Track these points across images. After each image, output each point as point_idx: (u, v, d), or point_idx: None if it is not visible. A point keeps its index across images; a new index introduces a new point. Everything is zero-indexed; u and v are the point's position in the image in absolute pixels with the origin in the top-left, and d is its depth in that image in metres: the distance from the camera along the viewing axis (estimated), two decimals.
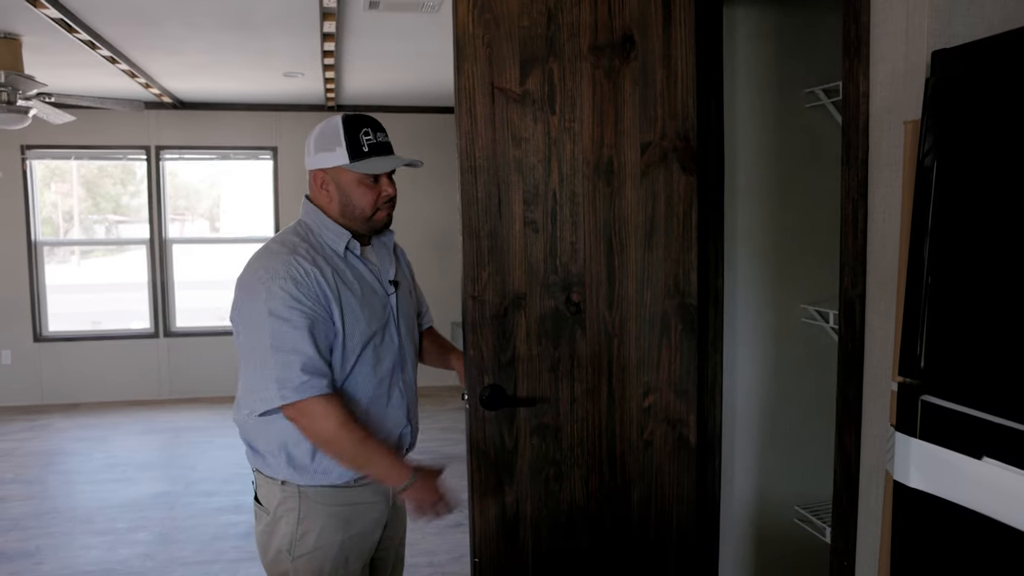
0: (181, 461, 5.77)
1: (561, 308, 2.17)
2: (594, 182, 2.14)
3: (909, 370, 1.42)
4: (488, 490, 2.18)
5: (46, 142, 6.91)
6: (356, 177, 1.93)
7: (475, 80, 2.07)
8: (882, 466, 1.63)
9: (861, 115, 1.62)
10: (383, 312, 1.99)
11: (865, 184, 1.64)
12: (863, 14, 1.60)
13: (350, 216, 1.95)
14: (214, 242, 8.07)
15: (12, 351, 7.11)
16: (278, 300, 1.81)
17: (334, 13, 4.01)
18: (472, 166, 2.10)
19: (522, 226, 2.13)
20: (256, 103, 7.05)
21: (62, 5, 3.88)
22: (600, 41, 2.10)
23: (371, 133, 1.93)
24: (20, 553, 4.12)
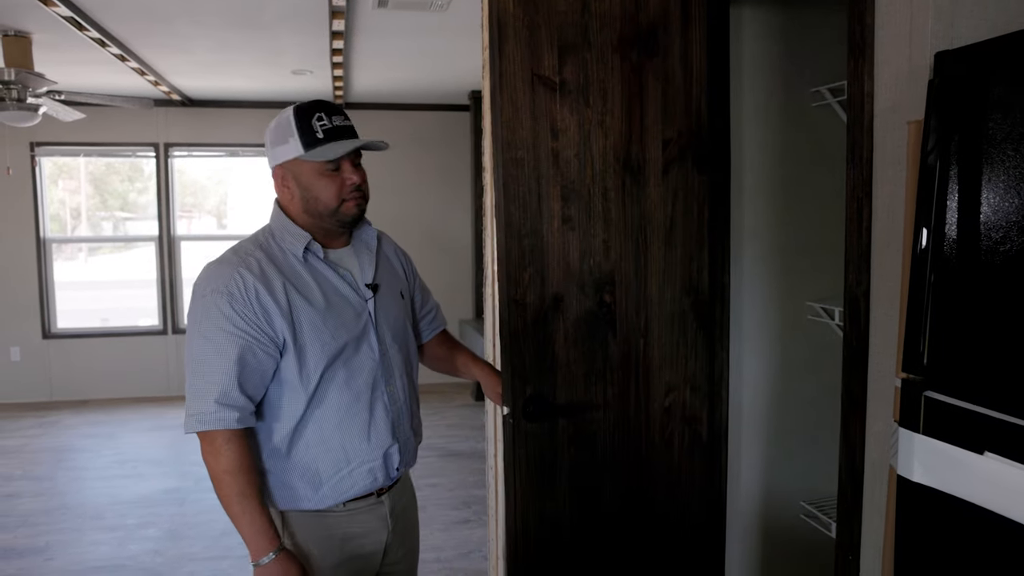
0: (190, 457, 5.80)
1: (594, 309, 2.14)
2: (623, 178, 2.13)
3: (912, 366, 1.44)
4: (528, 506, 2.13)
5: (55, 139, 6.95)
6: (314, 167, 1.75)
7: (516, 64, 2.00)
8: (886, 461, 1.65)
9: (866, 115, 1.64)
10: (356, 321, 1.82)
11: (870, 183, 1.66)
12: (868, 15, 1.62)
13: (314, 212, 1.78)
14: (222, 239, 8.09)
15: (21, 348, 7.17)
16: (210, 318, 1.70)
17: (343, 12, 4.04)
18: (514, 158, 2.02)
19: (560, 223, 2.08)
20: (264, 100, 7.08)
21: (72, 3, 3.91)
22: (628, 34, 2.10)
23: (325, 118, 1.74)
24: (30, 549, 4.16)
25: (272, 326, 1.71)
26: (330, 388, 1.78)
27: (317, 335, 1.74)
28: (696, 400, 2.30)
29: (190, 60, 5.34)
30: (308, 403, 1.77)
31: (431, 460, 5.37)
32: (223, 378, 1.68)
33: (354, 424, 1.80)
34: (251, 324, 1.69)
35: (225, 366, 1.68)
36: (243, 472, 1.70)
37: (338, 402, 1.79)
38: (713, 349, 2.39)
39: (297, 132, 1.73)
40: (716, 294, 2.39)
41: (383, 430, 1.84)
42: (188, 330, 1.75)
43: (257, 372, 1.72)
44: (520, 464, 2.11)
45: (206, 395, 1.68)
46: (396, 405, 1.88)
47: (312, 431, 1.78)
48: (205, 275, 1.76)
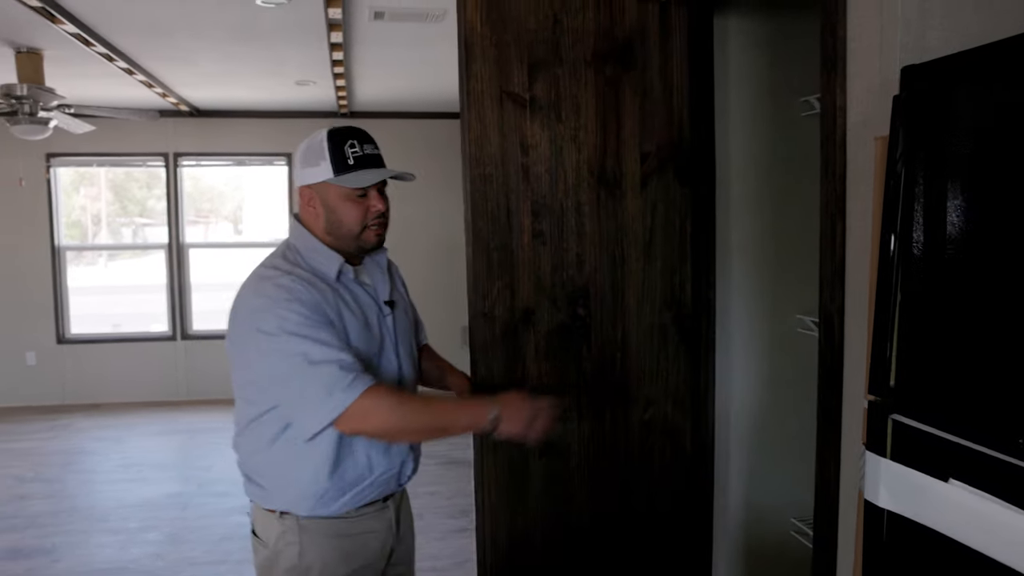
0: (196, 462, 5.85)
1: (568, 323, 2.13)
2: (598, 192, 2.12)
3: (878, 388, 1.41)
4: (498, 515, 2.13)
5: (69, 150, 7.04)
6: (342, 192, 1.78)
7: (484, 83, 2.02)
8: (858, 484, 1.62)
9: (838, 129, 1.62)
10: (380, 336, 1.87)
11: (843, 198, 1.63)
12: (839, 28, 1.59)
13: (337, 234, 1.81)
14: (231, 246, 8.15)
15: (36, 352, 7.26)
16: (291, 321, 1.68)
17: (340, 24, 4.05)
18: (482, 174, 2.04)
19: (530, 238, 2.08)
20: (270, 111, 7.14)
21: (78, 20, 3.96)
22: (603, 49, 2.09)
23: (357, 145, 1.79)
24: (37, 550, 4.21)
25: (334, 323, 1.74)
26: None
27: (359, 345, 1.78)
28: (679, 414, 2.28)
29: (195, 72, 5.38)
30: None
31: (431, 468, 5.36)
32: (334, 352, 1.67)
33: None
34: (324, 317, 1.72)
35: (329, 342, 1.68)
36: (406, 395, 1.78)
37: None
38: (697, 363, 2.36)
39: (329, 156, 1.77)
40: (700, 307, 2.36)
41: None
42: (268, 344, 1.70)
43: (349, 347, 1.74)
44: (489, 475, 2.13)
45: (331, 373, 1.66)
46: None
47: (345, 442, 1.78)
48: (252, 297, 1.75)
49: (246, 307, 1.76)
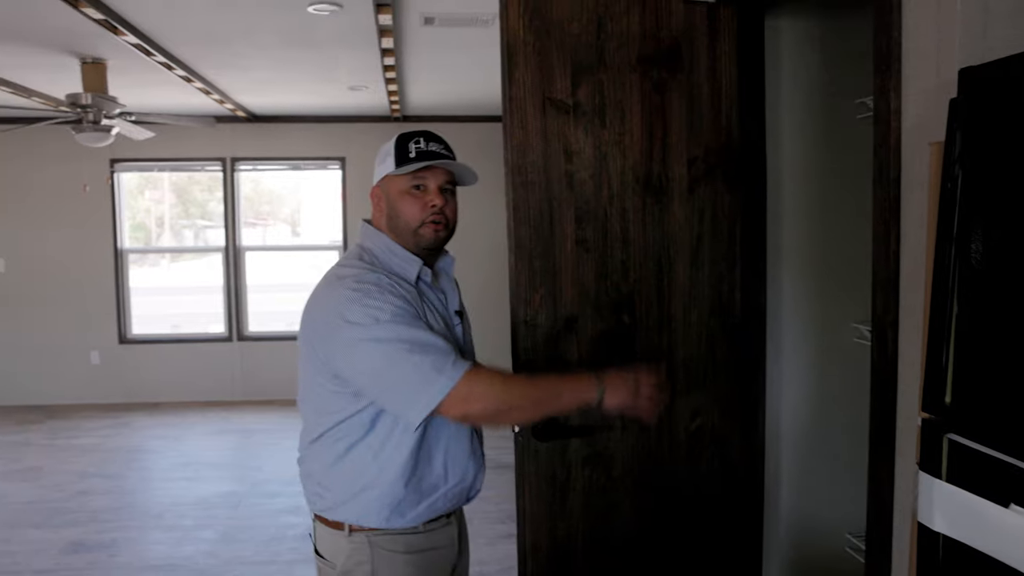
0: (249, 462, 5.95)
1: (612, 331, 2.09)
2: (643, 198, 2.08)
3: (933, 405, 1.34)
4: (539, 524, 2.10)
5: (132, 155, 7.24)
6: (401, 186, 1.77)
7: (526, 89, 1.99)
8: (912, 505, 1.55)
9: (892, 133, 1.55)
10: (455, 342, 1.81)
11: (897, 205, 1.57)
12: (894, 29, 1.52)
13: (396, 229, 1.79)
14: (287, 249, 8.28)
15: (100, 352, 7.46)
16: (384, 311, 1.64)
17: (391, 30, 4.07)
18: (524, 181, 2.02)
19: (574, 245, 2.05)
20: (324, 115, 7.23)
21: (139, 31, 4.06)
22: (648, 52, 2.05)
23: (422, 142, 1.78)
24: (98, 544, 4.34)
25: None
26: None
27: None
28: (727, 424, 2.22)
29: (251, 79, 5.47)
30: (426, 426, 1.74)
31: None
32: (431, 337, 1.65)
33: (456, 446, 1.80)
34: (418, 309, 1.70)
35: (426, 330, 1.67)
36: (510, 376, 1.76)
37: (446, 423, 1.76)
38: (746, 371, 2.30)
39: (394, 152, 1.78)
40: (749, 315, 2.30)
41: (469, 452, 1.85)
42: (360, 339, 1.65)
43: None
44: (530, 481, 2.09)
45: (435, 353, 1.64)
46: (476, 428, 1.90)
47: (426, 448, 1.76)
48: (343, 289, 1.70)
49: (329, 302, 1.71)
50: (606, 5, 2.01)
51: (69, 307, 7.38)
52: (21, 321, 7.34)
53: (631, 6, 2.02)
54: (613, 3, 2.02)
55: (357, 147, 7.39)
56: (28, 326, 7.35)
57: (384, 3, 3.60)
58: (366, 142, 7.34)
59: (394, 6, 3.68)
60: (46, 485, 5.29)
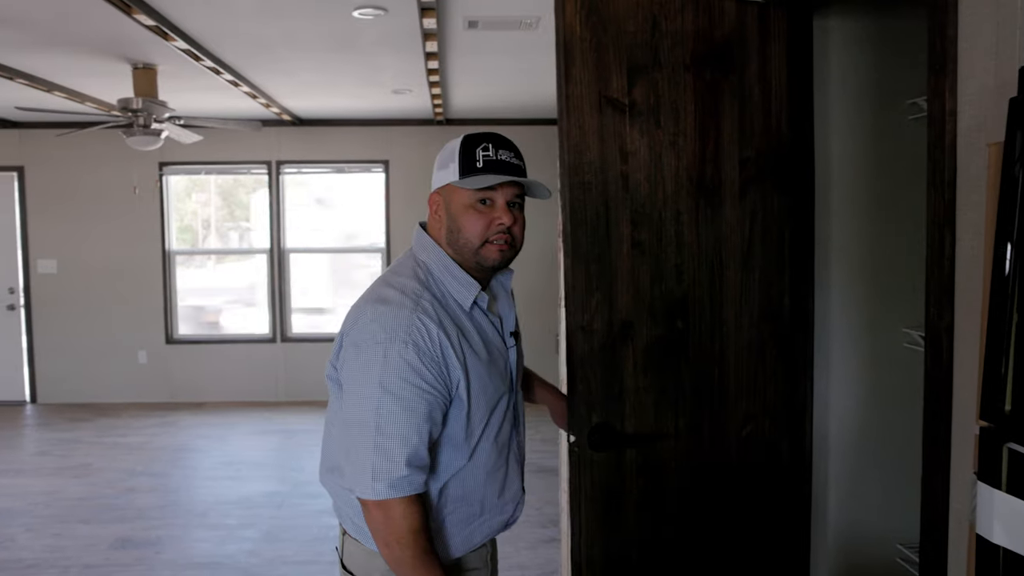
0: (291, 462, 6.02)
1: (666, 336, 2.05)
2: (697, 200, 2.05)
3: (992, 414, 1.30)
4: (594, 537, 2.05)
5: (180, 159, 7.39)
6: (465, 199, 1.61)
7: (583, 88, 1.95)
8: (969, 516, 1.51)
9: (947, 135, 1.51)
10: (505, 370, 1.71)
11: (952, 208, 1.52)
12: (949, 27, 1.49)
13: (456, 246, 1.64)
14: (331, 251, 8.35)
15: (147, 351, 7.61)
16: (394, 371, 1.51)
17: (435, 33, 4.09)
18: (581, 182, 1.96)
19: (630, 248, 2.01)
20: (368, 119, 7.30)
21: (189, 37, 4.15)
22: (701, 52, 2.02)
23: (491, 149, 1.61)
24: (145, 541, 4.43)
25: (451, 379, 1.57)
26: (485, 444, 1.66)
27: (483, 389, 1.62)
28: (776, 431, 2.19)
29: (296, 82, 5.54)
30: (467, 458, 1.65)
31: None
32: (415, 438, 1.52)
33: (497, 478, 1.71)
34: (438, 379, 1.54)
35: (416, 424, 1.52)
36: (426, 530, 1.56)
37: (487, 457, 1.67)
38: (795, 377, 2.26)
39: (459, 158, 1.61)
40: (798, 319, 2.26)
41: (515, 481, 1.77)
42: (358, 384, 1.55)
43: (438, 427, 1.59)
44: (585, 493, 2.04)
45: (396, 457, 1.51)
46: (522, 452, 1.81)
47: (463, 485, 1.67)
48: (375, 318, 1.56)
49: (362, 335, 1.57)
50: (661, 3, 1.98)
51: (118, 307, 7.55)
52: (72, 321, 7.53)
53: (685, 5, 2.00)
54: (668, 2, 1.99)
55: (400, 150, 7.45)
56: (79, 326, 7.53)
57: (428, 7, 3.62)
58: (409, 145, 7.43)
59: (438, 10, 3.70)
60: (96, 482, 5.41)
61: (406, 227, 7.52)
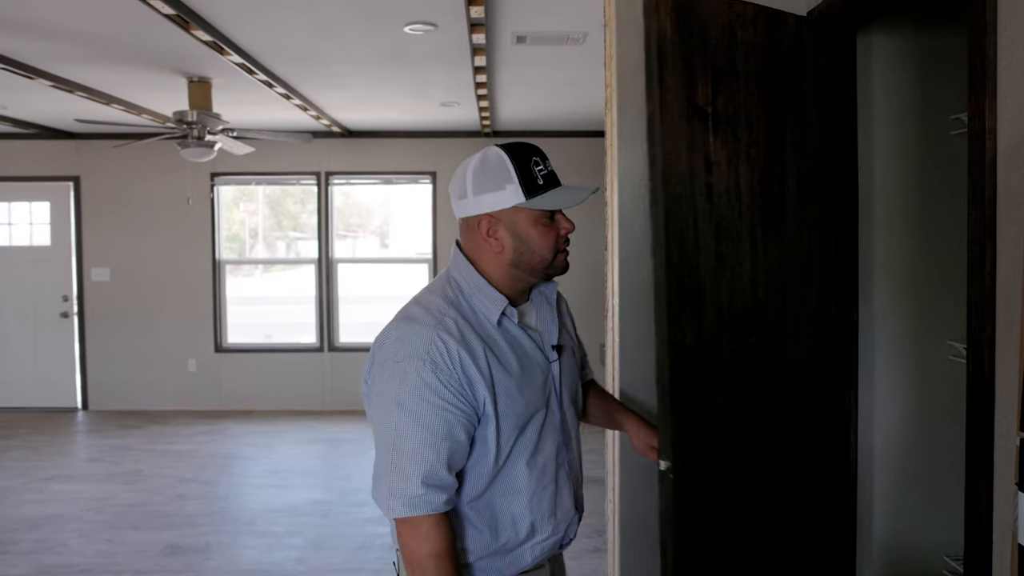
0: (337, 471, 6.11)
1: (743, 351, 2.02)
2: (766, 212, 2.03)
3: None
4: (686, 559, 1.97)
5: (231, 169, 7.57)
6: (531, 217, 1.59)
7: (673, 94, 1.88)
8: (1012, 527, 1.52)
9: (987, 152, 1.53)
10: (544, 387, 1.67)
11: (993, 224, 1.54)
12: (989, 47, 1.51)
13: (527, 265, 1.63)
14: (378, 261, 8.49)
15: (197, 360, 7.78)
16: (410, 389, 1.52)
17: (484, 48, 4.17)
18: (674, 193, 1.90)
19: (714, 261, 1.96)
20: (416, 131, 7.42)
21: (243, 51, 4.28)
22: (769, 64, 2.02)
23: (541, 163, 1.61)
24: (193, 548, 4.52)
25: (475, 397, 1.56)
26: (520, 459, 1.63)
27: (512, 405, 1.60)
28: (827, 445, 2.19)
29: (347, 96, 5.67)
30: (497, 474, 1.63)
31: None
32: (431, 456, 1.52)
33: (544, 497, 1.67)
34: (457, 396, 1.54)
35: (432, 442, 1.52)
36: (449, 555, 1.55)
37: (528, 474, 1.64)
38: (841, 390, 2.27)
39: (517, 178, 1.57)
40: (844, 332, 2.28)
41: (568, 501, 1.73)
42: (379, 400, 1.58)
43: (461, 448, 1.57)
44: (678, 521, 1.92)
45: (411, 475, 1.52)
46: (575, 472, 1.76)
47: (503, 504, 1.64)
48: (396, 336, 1.58)
49: (383, 352, 1.59)
50: (737, 13, 1.96)
51: (169, 316, 7.74)
52: (124, 329, 7.73)
53: (757, 16, 1.98)
54: (743, 11, 1.97)
55: (447, 162, 7.56)
56: (131, 334, 7.74)
57: (478, 23, 3.70)
58: (457, 156, 7.46)
59: (487, 25, 3.78)
60: (146, 488, 5.55)
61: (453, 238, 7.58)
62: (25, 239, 7.90)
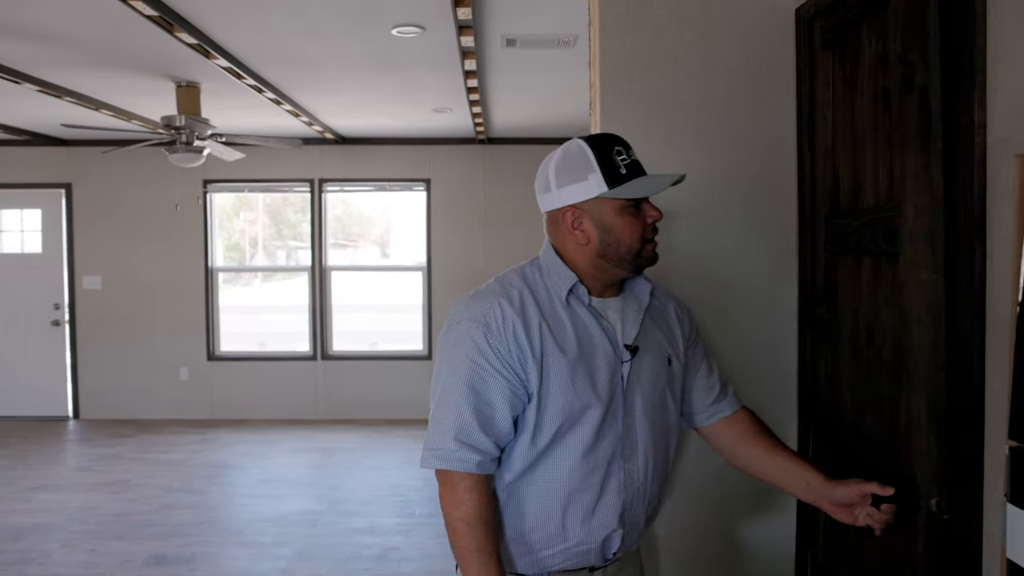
0: (328, 480, 6.04)
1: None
2: None
3: (1021, 433, 1.25)
4: None
5: (224, 176, 7.52)
6: (616, 206, 1.56)
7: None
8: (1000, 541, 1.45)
9: (976, 148, 1.47)
10: (608, 383, 1.58)
11: (982, 223, 1.48)
12: (978, 37, 1.45)
13: (614, 256, 1.59)
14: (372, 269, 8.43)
15: (189, 368, 7.72)
16: (461, 347, 1.56)
17: (473, 52, 4.12)
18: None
19: None
20: (410, 137, 7.38)
21: (230, 55, 4.24)
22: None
23: (624, 152, 1.57)
24: (179, 558, 4.44)
25: (524, 369, 1.54)
26: (563, 452, 1.58)
27: (561, 388, 1.55)
28: None
29: (338, 101, 5.62)
30: (534, 461, 1.58)
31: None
32: (467, 413, 1.54)
33: (582, 500, 1.59)
34: (504, 362, 1.54)
35: (472, 401, 1.54)
36: (483, 525, 1.54)
37: (569, 472, 1.58)
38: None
39: (599, 167, 1.55)
40: None
41: (610, 513, 1.61)
42: (438, 358, 1.62)
43: (503, 415, 1.55)
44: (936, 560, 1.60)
45: (447, 430, 1.55)
46: (633, 487, 1.62)
47: (535, 494, 1.60)
48: (464, 304, 1.61)
49: (452, 314, 1.63)
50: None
51: (161, 324, 7.68)
52: (116, 337, 7.67)
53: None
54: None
55: (442, 169, 7.52)
56: (123, 342, 7.67)
57: (466, 25, 3.65)
58: (451, 163, 7.49)
59: (476, 27, 3.73)
60: (133, 498, 5.47)
61: (447, 245, 7.56)
62: (16, 246, 7.86)
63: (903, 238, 1.65)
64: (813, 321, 2.23)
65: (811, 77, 2.21)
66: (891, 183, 1.74)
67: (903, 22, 1.62)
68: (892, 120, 1.72)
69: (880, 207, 1.80)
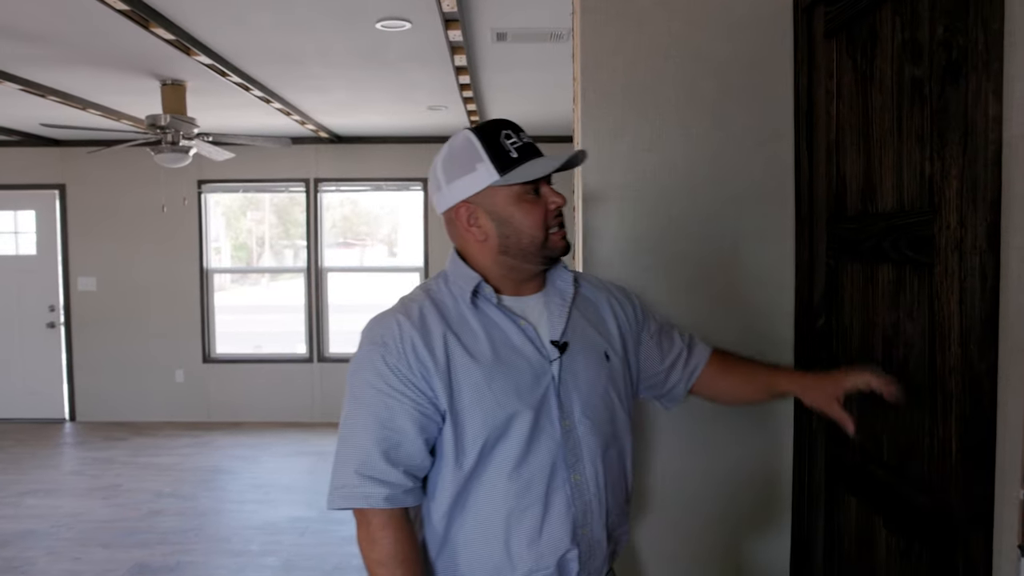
0: (321, 486, 5.85)
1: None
2: None
3: None
4: None
5: (218, 176, 7.40)
6: (512, 194, 1.43)
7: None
8: None
9: (991, 145, 1.29)
10: (534, 387, 1.44)
11: (996, 230, 1.31)
12: (994, 20, 1.28)
13: (517, 250, 1.46)
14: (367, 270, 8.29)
15: (184, 370, 7.60)
16: (360, 373, 1.43)
17: (463, 47, 3.97)
18: None
19: None
20: (406, 136, 7.24)
21: (212, 51, 4.09)
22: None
23: (513, 135, 1.45)
24: (163, 567, 4.34)
25: (430, 384, 1.40)
26: (494, 469, 1.42)
27: (478, 399, 1.40)
28: None
29: (327, 99, 5.47)
30: (464, 485, 1.43)
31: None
32: (368, 444, 1.40)
33: (525, 520, 1.43)
34: (405, 381, 1.40)
35: (371, 429, 1.40)
36: (402, 565, 1.39)
37: (504, 489, 1.42)
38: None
39: (487, 155, 1.42)
40: None
41: (559, 530, 1.44)
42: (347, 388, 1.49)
43: (412, 439, 1.40)
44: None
45: (348, 464, 1.41)
46: (583, 499, 1.47)
47: (471, 521, 1.44)
48: (367, 327, 1.49)
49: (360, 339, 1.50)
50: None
51: (156, 325, 7.58)
52: (112, 339, 7.57)
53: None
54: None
55: None
56: (118, 344, 7.58)
57: (452, 18, 3.50)
58: None
59: (463, 21, 3.57)
60: (122, 504, 5.37)
61: (445, 245, 7.40)
62: (11, 248, 7.76)
63: (941, 247, 1.45)
64: (812, 332, 2.06)
65: (810, 69, 2.03)
66: (924, 186, 1.52)
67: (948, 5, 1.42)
68: (927, 115, 1.51)
69: (906, 212, 1.59)
